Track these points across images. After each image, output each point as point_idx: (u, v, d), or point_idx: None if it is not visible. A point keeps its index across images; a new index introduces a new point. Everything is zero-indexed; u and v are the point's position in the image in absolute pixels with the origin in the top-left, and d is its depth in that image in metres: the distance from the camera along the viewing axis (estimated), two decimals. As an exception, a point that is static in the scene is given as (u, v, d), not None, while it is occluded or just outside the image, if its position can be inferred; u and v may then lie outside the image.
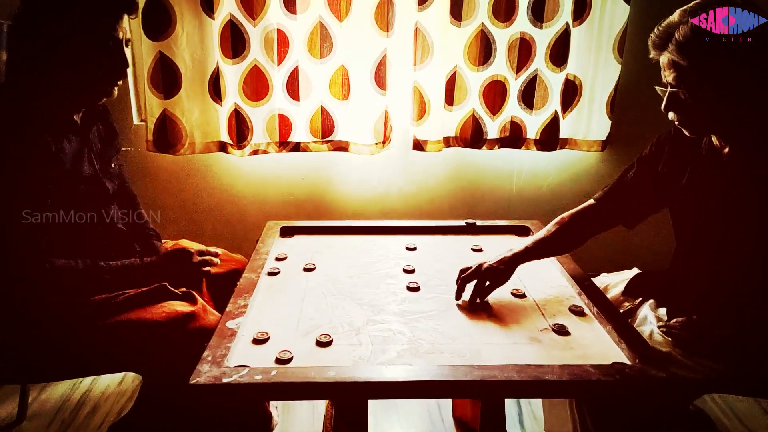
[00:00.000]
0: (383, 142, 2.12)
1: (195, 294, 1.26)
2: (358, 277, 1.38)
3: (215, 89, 2.02)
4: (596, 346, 1.10)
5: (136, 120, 2.17)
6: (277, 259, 1.47)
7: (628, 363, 1.03)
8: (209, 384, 0.93)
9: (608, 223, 1.36)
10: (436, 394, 1.33)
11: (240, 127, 2.07)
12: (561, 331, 1.13)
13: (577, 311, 1.21)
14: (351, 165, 2.23)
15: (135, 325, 1.19)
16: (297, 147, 2.15)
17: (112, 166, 1.36)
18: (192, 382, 0.93)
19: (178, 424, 1.23)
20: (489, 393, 1.12)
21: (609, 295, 1.37)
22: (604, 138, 2.18)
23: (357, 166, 2.23)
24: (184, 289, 1.27)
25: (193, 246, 1.42)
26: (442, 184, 2.29)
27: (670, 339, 1.19)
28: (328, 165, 2.23)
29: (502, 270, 1.27)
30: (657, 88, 1.16)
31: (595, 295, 1.26)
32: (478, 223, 1.69)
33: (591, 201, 1.38)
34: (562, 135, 2.19)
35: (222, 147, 2.12)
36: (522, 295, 1.29)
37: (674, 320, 1.22)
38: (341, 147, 2.16)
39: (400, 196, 2.28)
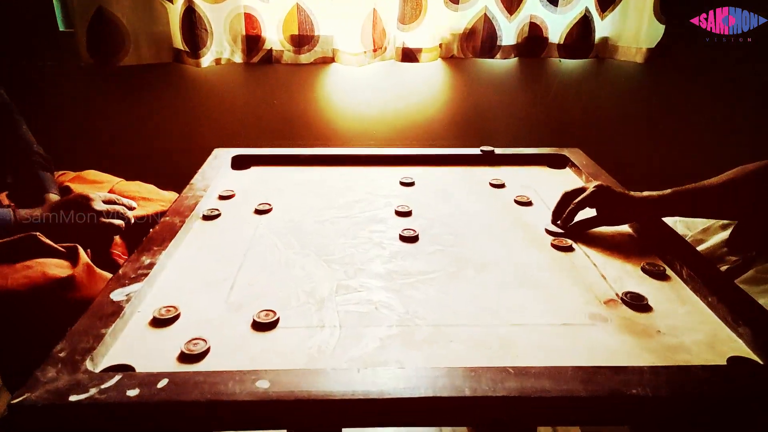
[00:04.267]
0: (374, 50, 1.67)
1: (79, 250, 0.85)
2: (330, 223, 0.96)
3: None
4: (695, 328, 0.69)
5: (61, 27, 1.71)
6: (221, 197, 1.06)
7: (759, 361, 0.63)
8: (41, 406, 0.53)
9: None
10: (441, 421, 0.67)
11: (196, 30, 1.61)
12: (637, 303, 0.73)
13: (655, 272, 0.80)
14: (334, 80, 1.78)
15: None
16: (269, 57, 1.70)
17: None
18: (13, 401, 0.53)
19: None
20: (537, 420, 0.69)
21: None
22: (653, 46, 1.71)
23: (342, 81, 1.77)
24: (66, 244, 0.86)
25: (97, 179, 1.00)
26: (447, 104, 1.83)
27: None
28: (305, 79, 1.78)
29: (624, 206, 0.91)
30: None
31: (681, 248, 0.85)
32: (497, 150, 1.26)
33: None
34: (598, 40, 1.73)
35: (176, 56, 1.67)
36: (568, 248, 0.88)
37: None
38: (325, 58, 1.71)
39: (396, 118, 1.83)
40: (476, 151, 1.26)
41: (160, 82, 1.75)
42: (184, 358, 0.62)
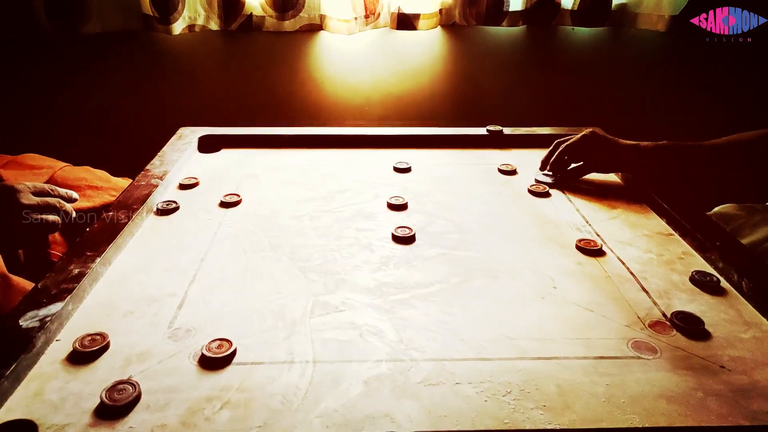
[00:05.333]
0: (366, 17, 1.49)
1: (-6, 253, 0.69)
2: (309, 219, 0.81)
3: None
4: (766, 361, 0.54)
5: (15, -12, 1.52)
6: (182, 186, 0.90)
7: None
8: None
9: None
10: None
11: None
12: (690, 328, 0.58)
13: (707, 283, 0.65)
14: (321, 50, 1.60)
15: None
16: (249, 23, 1.52)
17: None
18: None
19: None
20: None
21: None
22: (677, 13, 1.54)
23: (330, 52, 1.59)
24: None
25: (37, 163, 0.84)
26: (448, 77, 1.66)
27: None
28: (289, 50, 1.60)
29: (612, 153, 0.89)
30: None
31: (738, 252, 0.69)
32: (506, 130, 1.10)
33: None
34: (615, 6, 1.56)
35: (145, 22, 1.49)
36: (597, 251, 0.72)
37: None
38: (312, 25, 1.53)
39: (390, 94, 1.66)
40: (482, 131, 1.10)
41: (125, 53, 1.57)
42: (104, 411, 0.47)
